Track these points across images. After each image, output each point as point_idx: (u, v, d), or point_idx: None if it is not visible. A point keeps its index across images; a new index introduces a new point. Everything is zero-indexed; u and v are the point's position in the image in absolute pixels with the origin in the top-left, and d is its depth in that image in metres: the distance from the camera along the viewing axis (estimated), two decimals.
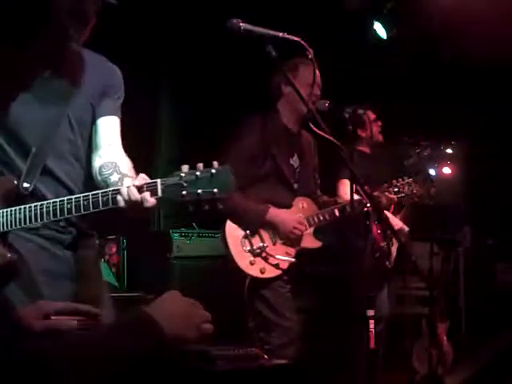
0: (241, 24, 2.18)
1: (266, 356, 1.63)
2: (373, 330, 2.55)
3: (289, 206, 3.63)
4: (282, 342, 3.38)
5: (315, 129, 2.21)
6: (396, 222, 4.22)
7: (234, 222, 3.48)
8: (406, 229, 4.28)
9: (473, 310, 5.80)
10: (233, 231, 3.48)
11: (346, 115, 3.27)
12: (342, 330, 4.27)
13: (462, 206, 6.36)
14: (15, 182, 2.18)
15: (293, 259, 3.54)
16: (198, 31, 5.14)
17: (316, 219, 3.65)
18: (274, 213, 3.50)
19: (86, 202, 2.05)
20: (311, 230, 3.65)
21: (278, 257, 3.49)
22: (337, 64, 4.94)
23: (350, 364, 4.13)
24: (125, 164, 2.32)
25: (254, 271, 3.44)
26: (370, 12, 5.45)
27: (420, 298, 5.11)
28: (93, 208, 2.05)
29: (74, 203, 2.07)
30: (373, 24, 5.45)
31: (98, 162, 2.36)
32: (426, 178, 4.35)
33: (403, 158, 4.76)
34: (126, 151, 2.45)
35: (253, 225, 3.48)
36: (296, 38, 2.15)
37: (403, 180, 3.92)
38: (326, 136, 2.22)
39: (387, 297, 4.43)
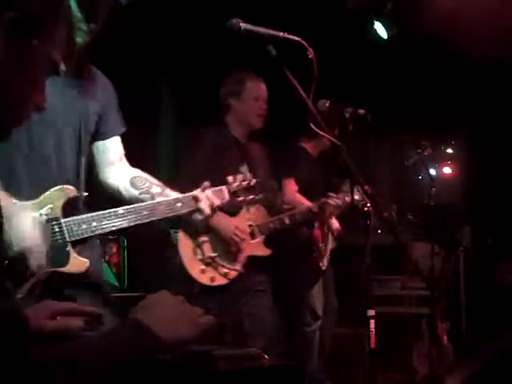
0: (241, 24, 2.17)
1: (266, 356, 1.63)
2: (373, 330, 2.54)
3: (236, 213, 3.65)
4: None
5: (316, 129, 2.21)
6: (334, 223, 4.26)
7: (182, 226, 3.52)
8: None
9: (473, 310, 5.80)
10: (186, 239, 3.54)
11: (347, 115, 3.27)
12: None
13: (462, 205, 6.36)
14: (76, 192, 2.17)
15: (241, 269, 3.58)
16: (198, 31, 5.14)
17: (267, 228, 3.72)
18: (217, 218, 3.45)
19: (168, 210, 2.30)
20: (262, 238, 3.72)
21: (227, 266, 3.53)
22: (337, 64, 4.94)
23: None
24: (150, 176, 2.46)
25: (204, 279, 3.50)
26: (370, 12, 5.45)
27: (420, 297, 5.11)
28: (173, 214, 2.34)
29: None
30: (373, 24, 5.44)
31: (119, 175, 2.42)
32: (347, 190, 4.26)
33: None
34: (127, 151, 2.48)
35: (198, 229, 3.50)
36: (296, 38, 2.14)
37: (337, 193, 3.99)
38: (327, 136, 2.22)
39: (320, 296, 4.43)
